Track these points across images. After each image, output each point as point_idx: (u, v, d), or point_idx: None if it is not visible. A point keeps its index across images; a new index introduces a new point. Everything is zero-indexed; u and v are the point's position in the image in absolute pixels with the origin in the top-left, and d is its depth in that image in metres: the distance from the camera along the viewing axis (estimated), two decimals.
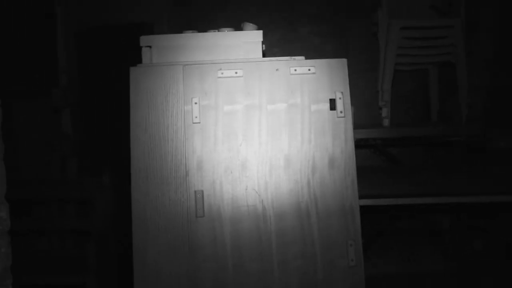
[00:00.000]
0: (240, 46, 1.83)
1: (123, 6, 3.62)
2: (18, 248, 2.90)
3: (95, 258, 2.69)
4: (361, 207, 1.73)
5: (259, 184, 1.71)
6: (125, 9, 3.61)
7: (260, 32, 1.84)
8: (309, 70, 1.76)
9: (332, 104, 1.74)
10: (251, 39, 1.84)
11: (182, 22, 3.62)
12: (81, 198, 3.00)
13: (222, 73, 1.74)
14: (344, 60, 1.77)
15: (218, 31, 1.86)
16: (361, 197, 1.73)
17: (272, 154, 1.72)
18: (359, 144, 2.66)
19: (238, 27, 1.92)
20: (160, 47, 1.83)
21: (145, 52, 1.83)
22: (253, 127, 1.73)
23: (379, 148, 3.23)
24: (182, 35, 1.84)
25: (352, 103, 1.78)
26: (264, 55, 1.87)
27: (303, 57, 1.79)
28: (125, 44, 2.96)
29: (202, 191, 1.69)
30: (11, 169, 1.42)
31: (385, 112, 2.83)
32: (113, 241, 2.93)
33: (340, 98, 1.74)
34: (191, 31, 1.86)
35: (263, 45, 1.88)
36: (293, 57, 1.79)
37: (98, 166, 3.16)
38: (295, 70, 1.75)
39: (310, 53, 1.82)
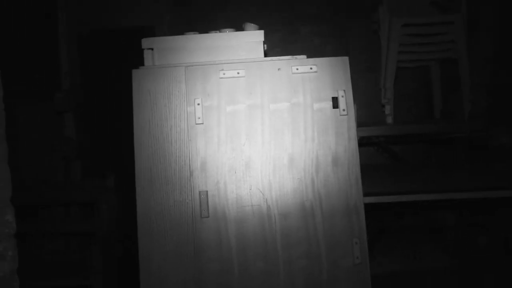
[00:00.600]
0: (241, 46, 1.83)
1: (124, 8, 3.64)
2: (23, 251, 2.92)
3: (100, 260, 2.70)
4: (365, 205, 1.73)
5: (263, 183, 1.71)
6: (126, 10, 3.63)
7: (261, 32, 1.84)
8: (310, 69, 1.76)
9: (335, 102, 1.74)
10: (252, 39, 1.84)
11: (183, 22, 3.63)
12: (85, 201, 3.00)
13: (224, 74, 1.75)
14: (346, 58, 1.77)
15: (220, 31, 1.86)
16: (364, 195, 1.73)
17: (276, 153, 1.72)
18: (362, 142, 2.66)
19: (238, 28, 1.92)
20: (161, 49, 1.83)
21: (147, 54, 1.83)
22: (256, 127, 1.73)
23: (382, 146, 3.23)
24: (184, 36, 1.84)
25: (354, 102, 1.79)
26: (265, 55, 1.87)
27: (304, 56, 1.79)
28: (127, 46, 2.97)
29: (207, 192, 1.70)
30: (14, 172, 1.43)
31: (388, 109, 2.83)
32: (115, 242, 2.94)
33: (342, 96, 1.74)
34: (192, 32, 1.86)
35: (265, 45, 1.88)
36: (294, 56, 1.79)
37: (101, 168, 3.17)
38: (297, 69, 1.76)
39: (311, 53, 1.82)
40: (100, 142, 3.59)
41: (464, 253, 2.86)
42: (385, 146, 3.20)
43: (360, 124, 2.47)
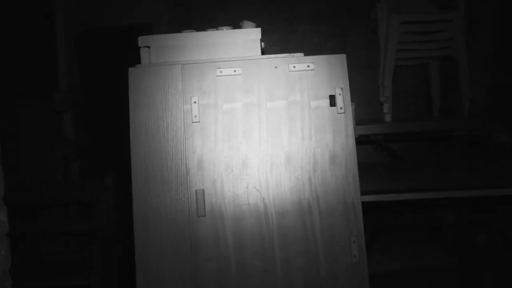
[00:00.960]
0: (238, 44, 1.83)
1: (123, 7, 3.63)
2: (23, 251, 2.92)
3: (99, 260, 2.70)
4: (363, 203, 1.72)
5: (260, 182, 1.71)
6: (125, 10, 3.62)
7: (259, 29, 1.83)
8: (308, 66, 1.75)
9: (332, 100, 1.74)
10: (249, 37, 1.83)
11: (182, 22, 3.63)
12: (84, 201, 3.00)
13: (221, 72, 1.74)
14: (343, 56, 1.77)
15: (217, 29, 1.86)
16: (363, 193, 1.73)
17: (273, 151, 1.72)
18: (360, 141, 2.65)
19: (238, 27, 1.91)
20: (158, 47, 1.82)
21: (143, 53, 1.83)
22: (253, 125, 1.73)
23: (380, 144, 3.22)
24: (180, 34, 1.84)
25: (352, 100, 1.78)
26: (264, 54, 1.86)
27: (302, 54, 1.79)
28: (125, 45, 2.97)
29: (203, 190, 1.69)
30: (14, 172, 1.42)
31: (386, 107, 2.82)
32: (115, 242, 2.94)
33: (340, 94, 1.74)
34: (189, 30, 1.86)
35: (262, 43, 1.88)
36: (291, 54, 1.78)
37: (100, 167, 3.17)
38: (294, 67, 1.75)
39: (310, 52, 1.81)
40: (99, 141, 3.59)
41: (464, 251, 2.85)
42: (384, 144, 3.19)
43: (358, 122, 2.46)
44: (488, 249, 2.79)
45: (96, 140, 3.60)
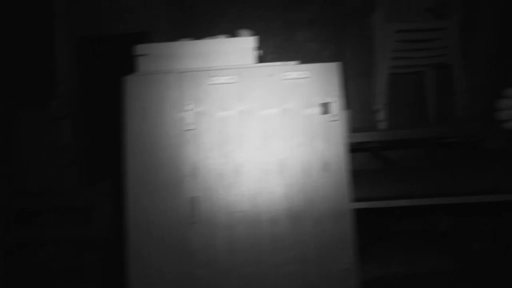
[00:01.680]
0: (234, 52, 1.85)
1: (122, 11, 3.65)
2: (23, 257, 2.93)
3: (99, 267, 2.70)
4: (359, 209, 1.73)
5: (254, 189, 1.72)
6: (124, 13, 3.64)
7: (254, 38, 1.85)
8: (302, 74, 1.77)
9: (326, 108, 1.75)
10: (245, 45, 1.85)
11: (183, 27, 3.64)
12: (82, 207, 3.01)
13: (215, 80, 1.76)
14: (337, 64, 1.78)
15: (213, 38, 1.88)
16: (355, 200, 1.74)
17: (266, 159, 1.73)
18: (355, 148, 2.65)
19: (236, 34, 1.93)
20: (155, 55, 1.85)
21: (140, 61, 1.85)
22: (247, 133, 1.74)
23: (374, 152, 3.22)
24: (177, 43, 1.86)
25: (349, 107, 1.79)
26: (261, 61, 1.88)
27: (296, 62, 1.81)
28: (125, 51, 2.99)
29: (197, 198, 1.71)
30: (12, 178, 1.44)
31: (381, 115, 2.82)
32: (115, 248, 2.94)
33: (333, 102, 1.75)
34: (187, 39, 1.88)
35: (260, 51, 1.90)
36: (286, 62, 1.80)
37: (99, 174, 3.18)
38: (289, 75, 1.77)
39: (308, 59, 1.83)
40: (97, 147, 3.60)
41: (462, 257, 2.85)
42: (378, 152, 3.20)
43: (354, 129, 2.47)
44: (487, 254, 2.79)
45: (95, 146, 3.62)
